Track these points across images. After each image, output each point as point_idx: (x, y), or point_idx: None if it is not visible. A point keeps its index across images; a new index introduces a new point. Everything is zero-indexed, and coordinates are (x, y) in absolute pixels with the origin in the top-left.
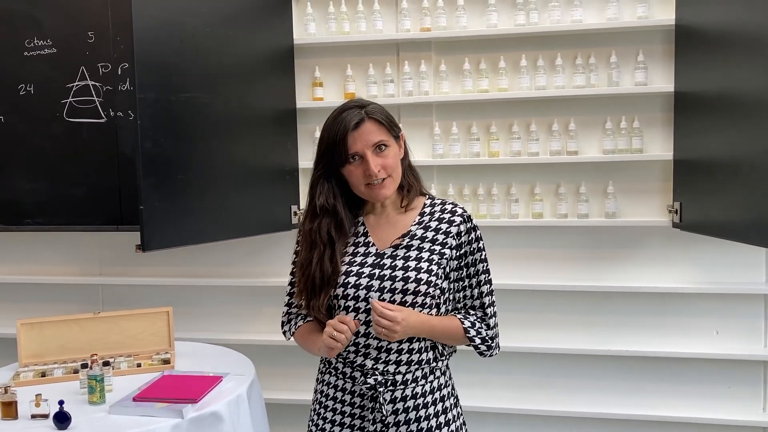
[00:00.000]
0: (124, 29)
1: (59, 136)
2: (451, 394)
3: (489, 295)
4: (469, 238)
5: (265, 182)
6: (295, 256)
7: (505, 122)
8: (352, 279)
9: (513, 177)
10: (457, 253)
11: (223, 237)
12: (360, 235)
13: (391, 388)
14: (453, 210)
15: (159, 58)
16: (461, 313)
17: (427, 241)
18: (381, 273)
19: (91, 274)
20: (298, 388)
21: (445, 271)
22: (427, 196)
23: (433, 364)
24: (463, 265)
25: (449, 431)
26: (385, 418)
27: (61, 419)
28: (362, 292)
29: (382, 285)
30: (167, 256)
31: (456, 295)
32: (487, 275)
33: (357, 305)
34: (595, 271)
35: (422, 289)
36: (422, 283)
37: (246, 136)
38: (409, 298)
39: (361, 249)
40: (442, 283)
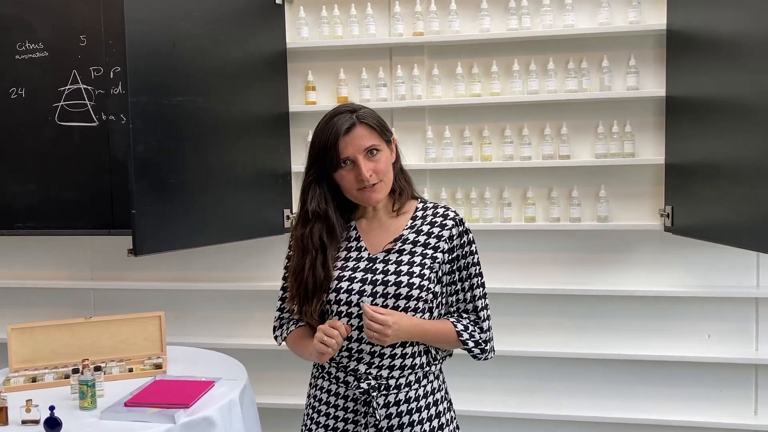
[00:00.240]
0: (116, 33)
1: (51, 140)
2: (445, 398)
3: (482, 299)
4: (462, 242)
5: (258, 186)
6: (288, 261)
7: (497, 126)
8: (345, 284)
9: (505, 181)
10: (450, 257)
11: (215, 241)
12: (352, 240)
13: (385, 393)
14: (445, 214)
15: (151, 61)
16: (454, 316)
17: (419, 245)
18: (373, 278)
19: (83, 279)
20: (290, 393)
21: (437, 275)
22: (419, 200)
23: (427, 369)
24: (456, 268)
25: None
26: (379, 422)
27: (52, 425)
28: (354, 297)
29: (374, 290)
30: (159, 261)
31: (449, 299)
32: (480, 278)
33: (349, 310)
34: (587, 274)
35: (415, 293)
36: (414, 288)
37: (239, 139)
38: (401, 303)
39: (354, 254)
40: (434, 287)
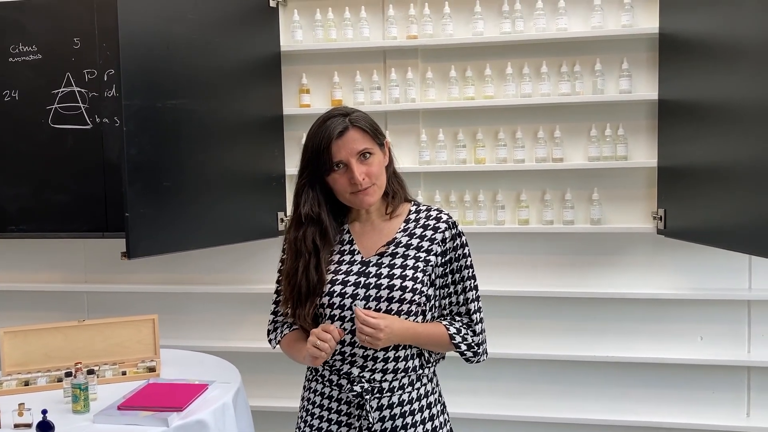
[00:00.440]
0: (110, 35)
1: (44, 143)
2: (438, 401)
3: (475, 302)
4: (454, 245)
5: (252, 189)
6: (281, 264)
7: (491, 129)
8: (338, 288)
9: (499, 184)
10: (442, 260)
11: (209, 244)
12: (345, 243)
13: (378, 396)
14: (438, 216)
15: (145, 64)
16: (447, 319)
17: (412, 248)
18: (366, 281)
19: (76, 282)
20: (284, 396)
21: (430, 278)
22: (412, 203)
23: (420, 372)
24: (449, 271)
25: None
26: (372, 425)
27: (45, 429)
28: (348, 301)
29: (367, 293)
30: (153, 264)
31: (442, 302)
32: (473, 281)
33: (343, 314)
34: (580, 277)
35: (408, 296)
36: (407, 291)
37: (233, 142)
38: (394, 306)
39: (347, 257)
40: (427, 290)
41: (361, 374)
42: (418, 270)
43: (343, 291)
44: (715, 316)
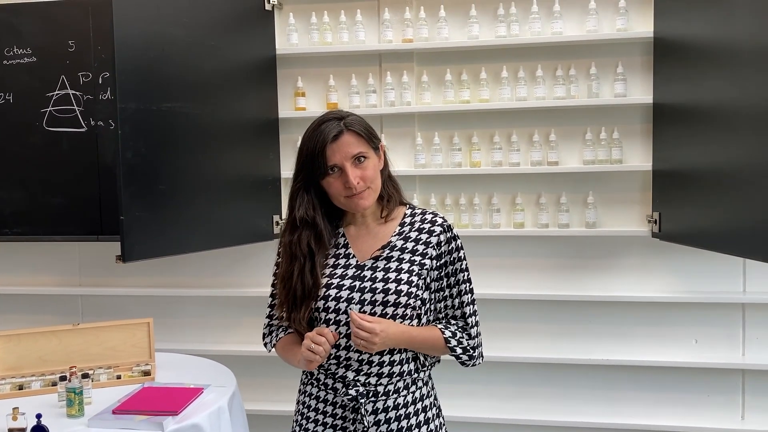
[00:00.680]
0: (105, 38)
1: (39, 146)
2: (434, 405)
3: (470, 305)
4: (449, 248)
5: (247, 192)
6: (276, 268)
7: (486, 133)
8: (333, 291)
9: (494, 187)
10: (437, 264)
11: (204, 247)
12: (341, 247)
13: (373, 399)
14: (433, 220)
15: (140, 67)
16: (442, 323)
17: (407, 251)
18: (361, 285)
19: (71, 285)
20: (279, 399)
21: (425, 282)
22: (407, 206)
23: (415, 375)
24: (444, 275)
25: None
26: (367, 429)
27: None
28: (343, 305)
29: (362, 297)
30: (148, 267)
31: (437, 306)
32: (468, 285)
33: (338, 318)
34: (575, 280)
35: (402, 300)
36: (402, 295)
37: (228, 145)
38: (389, 310)
39: (342, 261)
40: (422, 294)
41: (356, 378)
42: (413, 274)
43: (338, 295)
44: (710, 319)
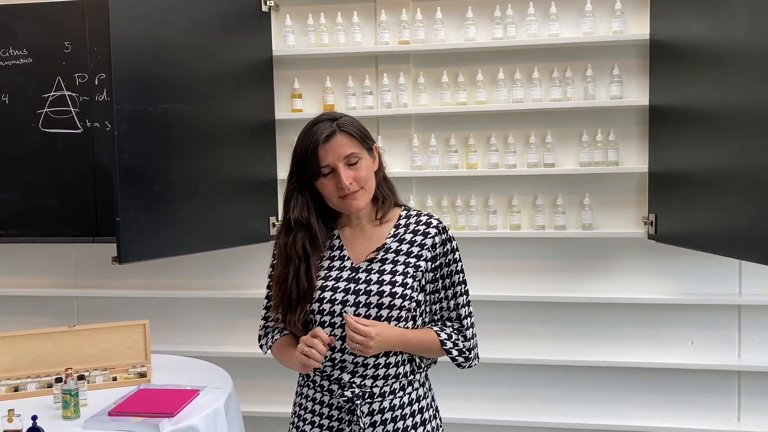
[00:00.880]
0: (101, 39)
1: (34, 147)
2: (431, 406)
3: (466, 307)
4: (445, 250)
5: (244, 194)
6: (272, 270)
7: (482, 134)
8: (328, 294)
9: (491, 189)
10: (433, 265)
11: (200, 249)
12: (336, 249)
13: (369, 401)
14: (428, 222)
15: (137, 68)
16: (438, 325)
17: (402, 253)
18: (356, 288)
19: (66, 287)
20: (275, 401)
21: (420, 284)
22: (402, 208)
23: (411, 377)
24: (439, 276)
25: None
26: (363, 430)
27: None
28: (338, 308)
29: (357, 300)
30: (144, 268)
31: (432, 307)
32: (464, 286)
33: (333, 320)
34: (571, 282)
35: (397, 302)
36: (397, 297)
37: (224, 147)
38: (384, 312)
39: (337, 263)
40: (417, 296)
41: (352, 380)
42: (408, 276)
43: (333, 297)
44: (706, 321)
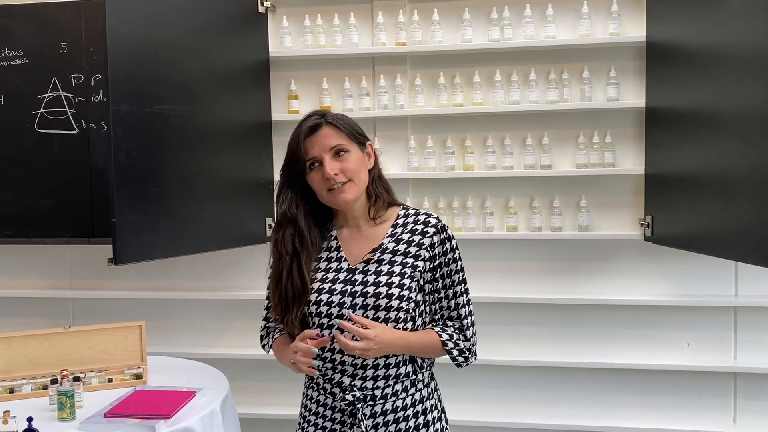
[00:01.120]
0: (97, 40)
1: (30, 148)
2: (435, 407)
3: (466, 306)
4: (444, 249)
5: (240, 195)
6: (271, 270)
7: (479, 136)
8: (324, 296)
9: (487, 190)
10: (431, 265)
11: (196, 250)
12: (333, 250)
13: (371, 403)
14: (426, 221)
15: (133, 69)
16: (439, 325)
17: (399, 254)
18: (353, 289)
19: (62, 288)
20: (272, 403)
21: (418, 284)
22: (401, 207)
23: (414, 377)
24: (438, 276)
25: None
26: None
27: None
28: (335, 309)
29: (354, 301)
30: (140, 270)
31: (432, 307)
32: (464, 285)
33: (330, 322)
34: (568, 283)
35: (395, 304)
36: (394, 299)
37: (221, 148)
38: (381, 314)
39: (333, 264)
40: (416, 297)
41: (353, 383)
42: (405, 276)
43: (330, 299)
44: (702, 323)
